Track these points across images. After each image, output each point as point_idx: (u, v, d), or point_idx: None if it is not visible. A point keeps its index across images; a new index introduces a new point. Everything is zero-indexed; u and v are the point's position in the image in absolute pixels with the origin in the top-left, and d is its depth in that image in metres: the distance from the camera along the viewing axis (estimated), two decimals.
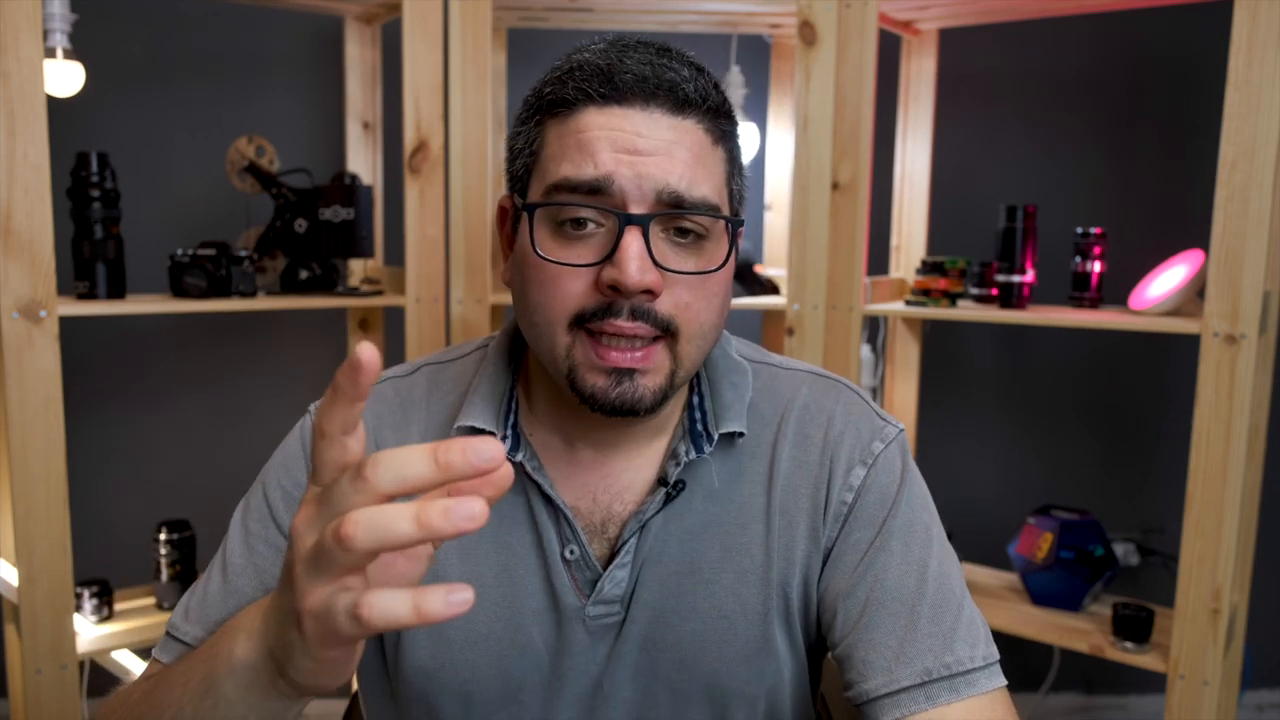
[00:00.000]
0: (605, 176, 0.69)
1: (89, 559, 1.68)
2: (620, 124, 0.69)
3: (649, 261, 0.69)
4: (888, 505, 0.79)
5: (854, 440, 0.81)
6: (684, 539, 0.80)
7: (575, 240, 0.71)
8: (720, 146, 0.74)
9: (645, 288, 0.69)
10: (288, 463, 0.82)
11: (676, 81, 0.70)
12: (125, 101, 2.01)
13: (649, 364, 0.71)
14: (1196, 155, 2.05)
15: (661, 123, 0.70)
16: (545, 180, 0.71)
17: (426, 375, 0.86)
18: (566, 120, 0.71)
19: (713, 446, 0.79)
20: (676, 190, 0.69)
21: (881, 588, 0.76)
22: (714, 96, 0.72)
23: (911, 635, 0.74)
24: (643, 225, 0.69)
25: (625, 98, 0.69)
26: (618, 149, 0.69)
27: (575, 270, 0.70)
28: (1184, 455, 1.46)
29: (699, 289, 0.72)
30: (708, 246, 0.72)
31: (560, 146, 0.71)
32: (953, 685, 0.73)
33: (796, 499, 0.80)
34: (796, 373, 0.86)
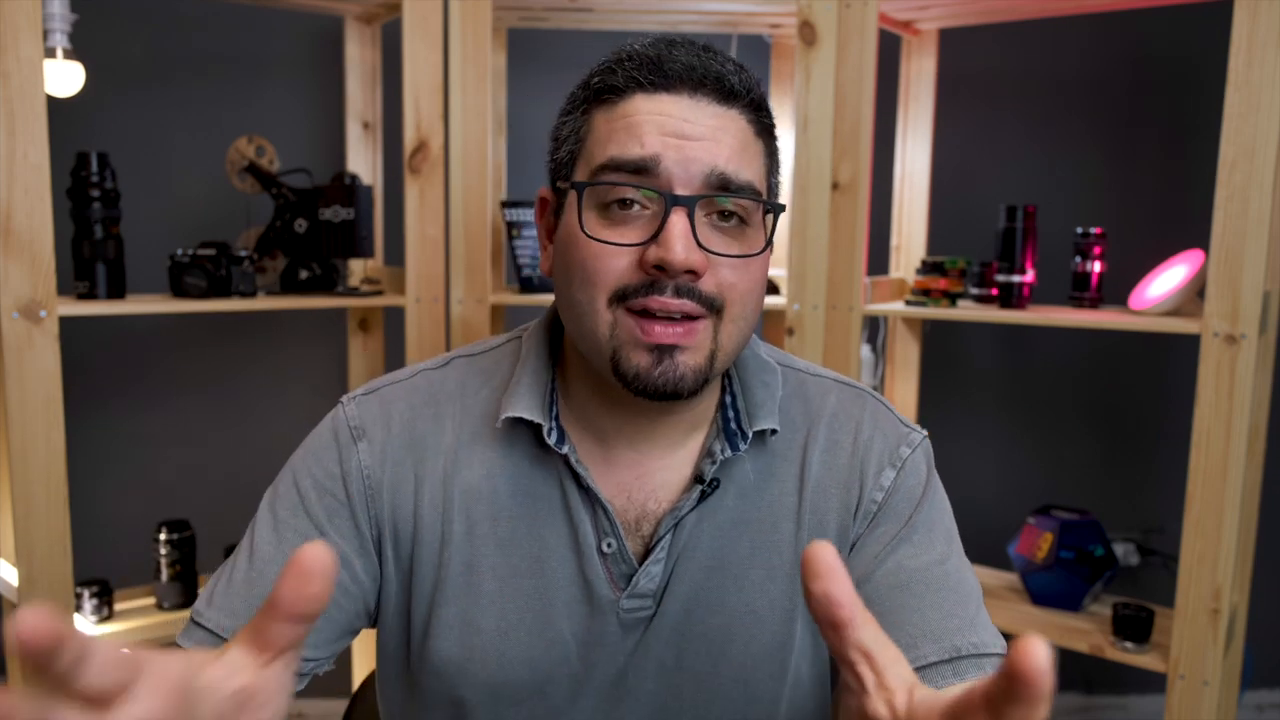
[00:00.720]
0: (652, 157, 0.70)
1: (89, 559, 1.68)
2: (669, 109, 0.71)
3: (694, 242, 0.70)
4: (914, 503, 0.81)
5: (883, 444, 0.83)
6: (715, 535, 0.81)
7: (621, 221, 0.72)
8: (761, 140, 0.76)
9: (690, 267, 0.70)
10: (319, 453, 0.82)
11: (723, 73, 0.72)
12: (125, 101, 2.01)
13: (691, 340, 0.72)
14: (1196, 155, 2.05)
15: (707, 110, 0.72)
16: (592, 162, 0.73)
17: (459, 368, 0.86)
18: (615, 106, 0.73)
19: (748, 444, 0.80)
20: (724, 172, 0.71)
21: (905, 571, 0.78)
22: (757, 91, 0.75)
23: (937, 615, 0.75)
24: (688, 206, 0.70)
25: (673, 85, 0.71)
26: (665, 132, 0.71)
27: (620, 249, 0.72)
28: (1184, 455, 1.46)
29: (742, 270, 0.73)
30: (749, 232, 0.74)
31: (608, 130, 0.73)
32: (980, 664, 0.74)
33: (827, 500, 0.82)
34: (824, 380, 0.88)
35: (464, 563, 0.81)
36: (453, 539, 0.81)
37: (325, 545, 0.44)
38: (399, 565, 0.82)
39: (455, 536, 0.81)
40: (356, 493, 0.80)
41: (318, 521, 0.80)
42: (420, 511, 0.81)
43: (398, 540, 0.82)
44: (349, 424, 0.82)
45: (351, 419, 0.82)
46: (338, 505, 0.80)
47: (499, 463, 0.81)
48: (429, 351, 1.73)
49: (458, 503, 0.81)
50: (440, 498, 0.81)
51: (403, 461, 0.81)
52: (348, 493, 0.80)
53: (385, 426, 0.82)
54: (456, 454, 0.81)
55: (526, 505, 0.80)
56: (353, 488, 0.80)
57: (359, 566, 0.81)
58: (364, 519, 0.81)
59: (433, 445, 0.82)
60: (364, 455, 0.81)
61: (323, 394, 2.20)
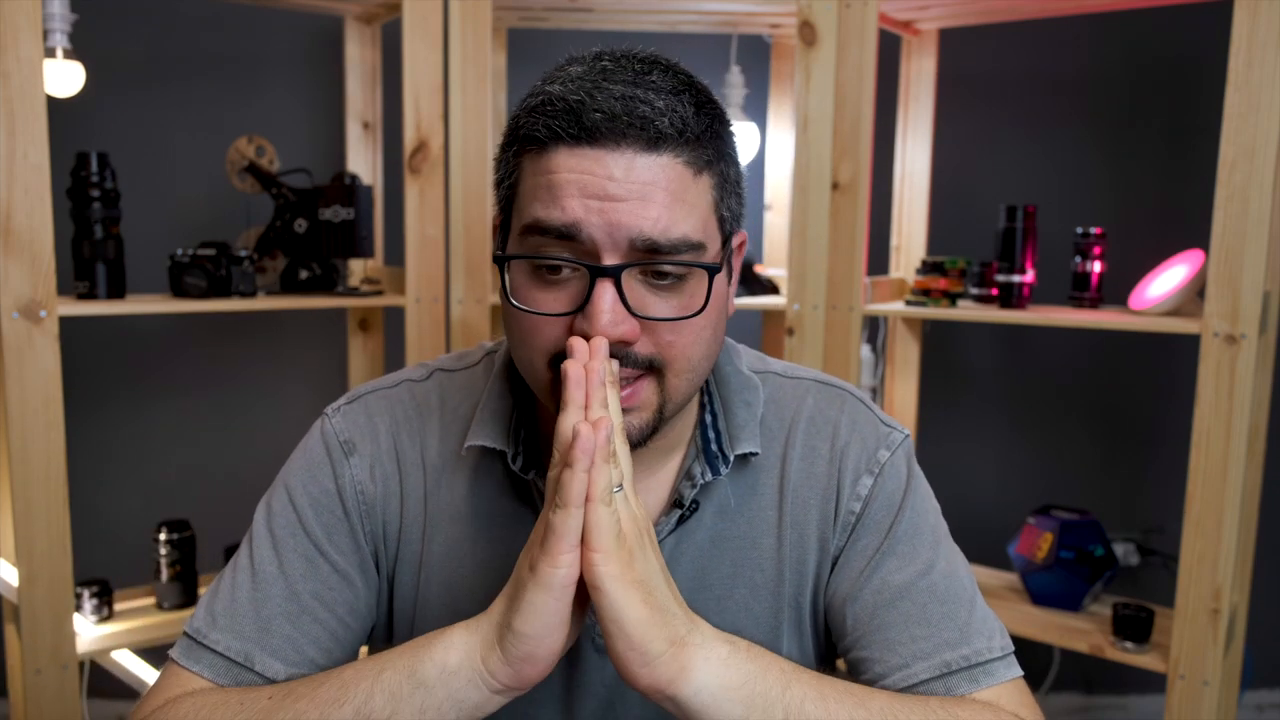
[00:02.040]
0: (574, 224, 0.66)
1: (89, 559, 1.68)
2: (591, 167, 0.66)
3: (622, 312, 0.67)
4: (894, 512, 0.80)
5: (860, 449, 0.81)
6: (695, 556, 0.80)
7: (551, 285, 0.69)
8: (705, 174, 0.69)
9: (618, 339, 0.68)
10: (313, 469, 0.81)
11: (650, 116, 0.66)
12: (125, 101, 2.01)
13: (635, 402, 0.71)
14: (1196, 155, 2.05)
15: (636, 164, 0.66)
16: (521, 219, 0.70)
17: (438, 382, 0.85)
18: (539, 158, 0.68)
19: (729, 468, 0.78)
20: (650, 237, 0.66)
21: (890, 589, 0.77)
22: (694, 125, 0.68)
23: (925, 631, 0.75)
24: (614, 276, 0.67)
25: (595, 138, 0.66)
26: (587, 194, 0.66)
27: (553, 318, 0.69)
28: (1184, 455, 1.46)
29: (682, 328, 0.70)
30: (689, 285, 0.70)
31: (533, 185, 0.69)
32: (972, 675, 0.74)
33: (806, 511, 0.81)
34: (801, 381, 0.86)
35: (443, 584, 0.80)
36: (432, 559, 0.80)
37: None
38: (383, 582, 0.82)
39: (434, 557, 0.80)
40: (353, 508, 0.80)
41: (317, 541, 0.79)
42: (404, 528, 0.81)
43: (384, 557, 0.82)
44: (338, 438, 0.81)
45: (340, 432, 0.81)
46: (336, 521, 0.80)
47: (479, 483, 0.80)
48: (429, 352, 1.73)
49: (438, 522, 0.80)
50: (421, 516, 0.81)
51: (390, 476, 0.81)
52: (345, 508, 0.80)
53: (373, 439, 0.81)
54: (438, 472, 0.81)
55: (505, 527, 0.80)
56: (349, 503, 0.80)
57: (361, 583, 0.80)
58: (361, 533, 0.80)
59: (414, 461, 0.81)
60: (356, 470, 0.80)
61: (323, 394, 2.20)
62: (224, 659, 0.76)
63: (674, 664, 0.64)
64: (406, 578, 0.81)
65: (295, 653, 0.76)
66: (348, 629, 0.79)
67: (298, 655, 0.76)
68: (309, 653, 0.77)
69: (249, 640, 0.76)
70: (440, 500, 0.81)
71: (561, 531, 0.62)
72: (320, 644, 0.77)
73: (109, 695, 2.06)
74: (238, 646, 0.76)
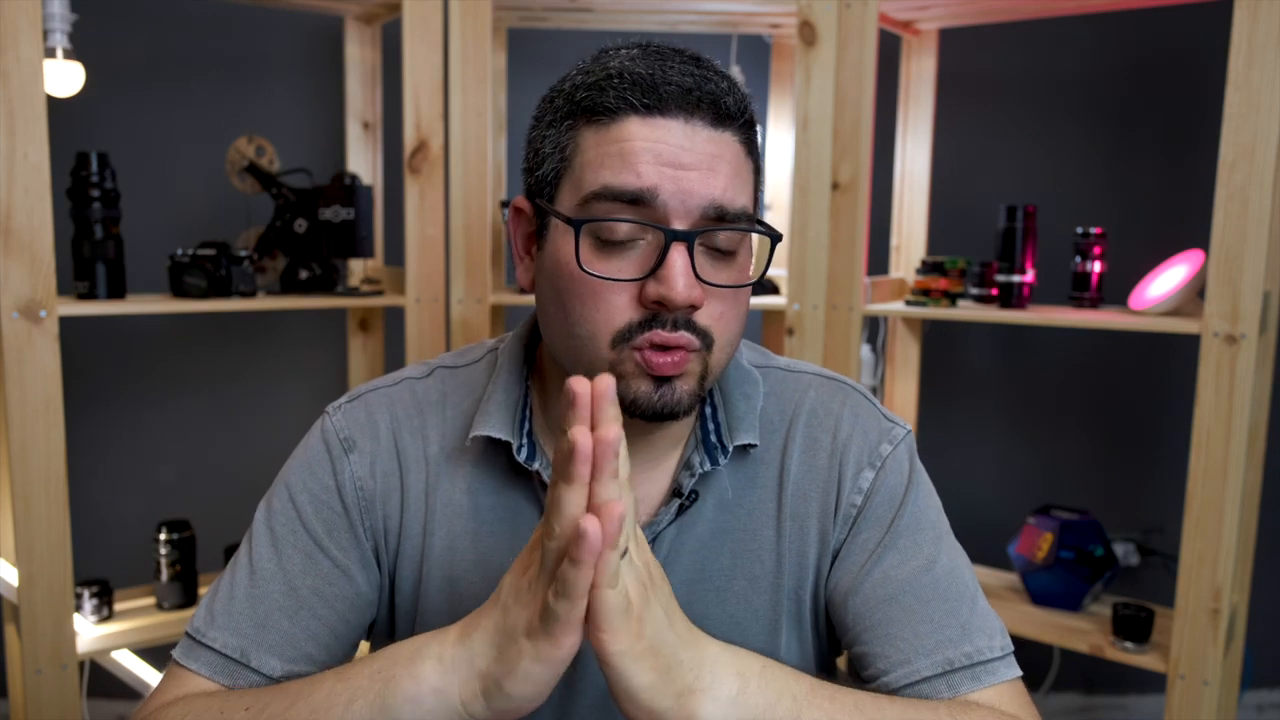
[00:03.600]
0: (650, 189, 0.68)
1: (89, 559, 1.68)
2: (664, 136, 0.68)
3: (694, 278, 0.69)
4: (895, 506, 0.80)
5: (862, 443, 0.81)
6: (695, 548, 0.80)
7: (615, 253, 0.70)
8: (750, 158, 0.74)
9: (691, 303, 0.69)
10: (312, 466, 0.81)
11: (718, 94, 0.70)
12: (125, 101, 2.01)
13: (684, 368, 0.72)
14: (1196, 155, 2.05)
15: (702, 135, 0.69)
16: (582, 188, 0.70)
17: (440, 379, 0.85)
18: (607, 128, 0.70)
19: (728, 459, 0.79)
20: (721, 203, 0.70)
21: (892, 584, 0.77)
22: (749, 111, 0.73)
23: (928, 628, 0.75)
24: (688, 241, 0.69)
25: (669, 109, 0.69)
26: (662, 161, 0.68)
27: (617, 284, 0.70)
28: (1184, 455, 1.46)
29: (732, 300, 0.73)
30: (739, 258, 0.73)
31: (599, 154, 0.70)
32: (974, 674, 0.74)
33: (806, 503, 0.81)
34: (803, 375, 0.86)
35: (444, 578, 0.80)
36: (433, 554, 0.80)
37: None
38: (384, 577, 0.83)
39: (435, 551, 0.80)
40: (352, 504, 0.80)
41: (317, 537, 0.79)
42: (405, 524, 0.81)
43: (385, 553, 0.82)
44: (338, 435, 0.81)
45: (340, 430, 0.82)
46: (335, 518, 0.80)
47: (479, 478, 0.81)
48: (429, 351, 1.73)
49: (439, 517, 0.81)
50: (422, 511, 0.81)
51: (391, 473, 0.81)
52: (344, 505, 0.80)
53: (373, 437, 0.82)
54: (439, 467, 0.81)
55: (507, 520, 0.80)
56: (349, 499, 0.80)
57: (362, 579, 0.80)
58: (361, 530, 0.80)
59: (415, 457, 0.81)
60: (356, 466, 0.81)
61: (322, 394, 2.20)
62: (221, 656, 0.76)
63: (681, 714, 0.63)
64: (408, 573, 0.81)
65: (293, 648, 0.76)
66: (347, 624, 0.80)
67: (295, 651, 0.77)
68: (307, 648, 0.77)
69: (246, 637, 0.76)
70: (441, 495, 0.81)
71: (565, 620, 0.58)
72: (319, 639, 0.78)
73: (109, 695, 2.06)
74: (235, 643, 0.76)
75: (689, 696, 0.64)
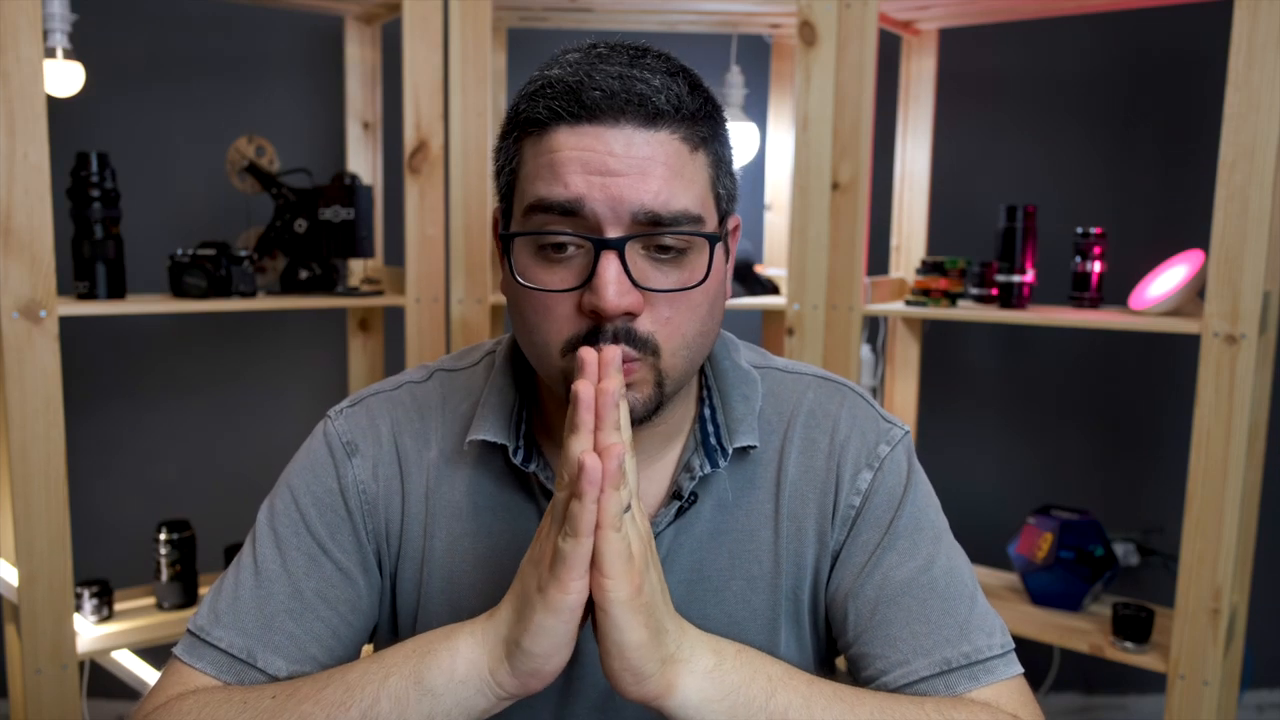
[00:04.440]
0: (577, 199, 0.68)
1: (89, 559, 1.68)
2: (591, 144, 0.68)
3: (627, 284, 0.69)
4: (894, 506, 0.80)
5: (860, 444, 0.82)
6: (694, 548, 0.80)
7: (556, 263, 0.71)
8: (701, 151, 0.72)
9: (624, 311, 0.69)
10: (315, 469, 0.82)
11: (647, 94, 0.68)
12: (125, 101, 2.02)
13: (633, 379, 0.71)
14: (1196, 155, 2.05)
15: (635, 139, 0.68)
16: (523, 201, 0.71)
17: (440, 382, 0.86)
18: (540, 139, 0.70)
19: (727, 461, 0.79)
20: (652, 209, 0.68)
21: (891, 585, 0.77)
22: (689, 103, 0.70)
23: (926, 628, 0.75)
24: (618, 248, 0.68)
25: (595, 115, 0.68)
26: (589, 170, 0.68)
27: (560, 295, 0.71)
28: (1184, 455, 1.46)
29: (680, 302, 0.71)
30: (690, 258, 0.72)
31: (535, 166, 0.70)
32: (972, 673, 0.74)
33: (804, 504, 0.81)
34: (801, 376, 0.86)
35: (445, 579, 0.81)
36: (434, 556, 0.81)
37: None
38: (386, 580, 0.83)
39: (436, 553, 0.81)
40: (355, 507, 0.81)
41: (320, 540, 0.80)
42: (406, 526, 0.81)
43: (387, 555, 0.82)
44: (340, 439, 0.82)
45: (342, 434, 0.82)
46: (339, 520, 0.80)
47: (479, 480, 0.81)
48: (429, 351, 1.73)
49: (439, 519, 0.81)
50: (423, 514, 0.81)
51: (392, 476, 0.82)
52: (347, 508, 0.81)
53: (375, 440, 0.82)
54: (439, 470, 0.82)
55: (506, 521, 0.80)
56: (351, 502, 0.81)
57: (364, 582, 0.81)
58: (364, 533, 0.81)
59: (416, 460, 0.82)
60: (359, 470, 0.81)
61: (323, 394, 2.20)
62: (227, 655, 0.76)
63: (662, 681, 0.66)
64: (409, 575, 0.82)
65: (298, 650, 0.77)
66: (350, 626, 0.80)
67: (300, 652, 0.77)
68: (311, 650, 0.77)
69: (251, 637, 0.76)
70: (442, 497, 0.81)
71: (572, 560, 0.62)
72: (322, 641, 0.78)
73: (109, 695, 2.06)
74: (240, 643, 0.76)
75: (670, 665, 0.66)
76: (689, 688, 0.66)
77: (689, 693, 0.66)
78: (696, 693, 0.67)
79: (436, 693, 0.66)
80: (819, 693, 0.69)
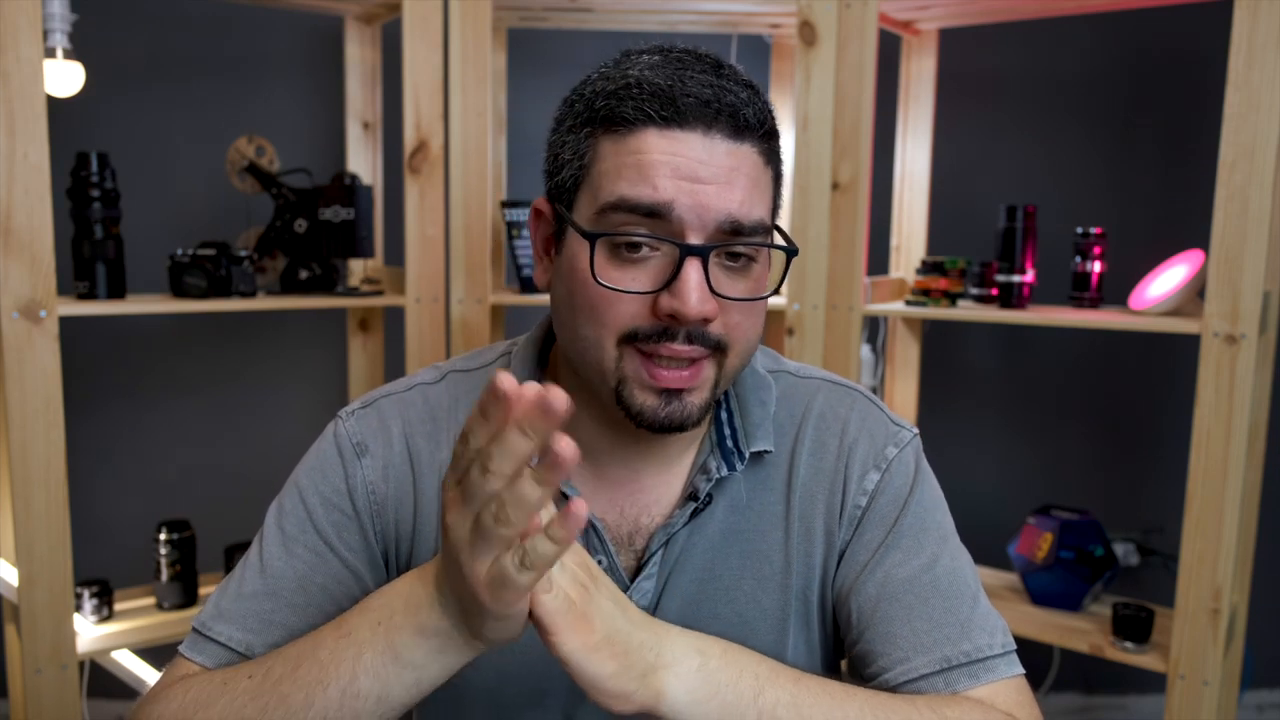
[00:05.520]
0: (666, 203, 0.68)
1: (89, 559, 1.68)
2: (681, 149, 0.68)
3: (708, 291, 0.69)
4: (899, 506, 0.81)
5: (868, 446, 0.82)
6: (706, 549, 0.81)
7: (630, 264, 0.71)
8: (770, 167, 0.74)
9: (705, 317, 0.70)
10: (324, 469, 0.82)
11: (737, 106, 0.69)
12: (125, 101, 2.01)
13: (697, 380, 0.72)
14: (1196, 155, 2.05)
15: (721, 148, 0.69)
16: (599, 198, 0.71)
17: (452, 383, 0.86)
18: (624, 138, 0.70)
19: (744, 464, 0.80)
20: (736, 218, 0.69)
21: (893, 582, 0.78)
22: (769, 120, 0.72)
23: (927, 626, 0.76)
24: (703, 256, 0.69)
25: (687, 121, 0.69)
26: (679, 175, 0.68)
27: (631, 295, 0.71)
28: (1184, 455, 1.46)
29: (748, 309, 0.73)
30: (756, 268, 0.73)
31: (616, 165, 0.70)
32: (972, 671, 0.75)
33: (814, 505, 0.82)
34: (812, 380, 0.87)
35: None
36: None
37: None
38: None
39: None
40: (363, 507, 0.81)
41: (326, 537, 0.80)
42: (418, 527, 0.81)
43: (399, 556, 0.82)
44: (351, 439, 0.82)
45: (353, 434, 0.82)
46: (346, 520, 0.80)
47: None
48: (429, 351, 1.73)
49: None
50: (436, 514, 0.81)
51: (404, 478, 0.82)
52: (355, 507, 0.81)
53: (386, 442, 0.82)
54: None
55: None
56: (359, 502, 0.81)
57: (370, 581, 0.81)
58: (372, 533, 0.81)
59: (429, 461, 0.82)
60: (368, 470, 0.81)
61: (323, 394, 2.20)
62: (226, 649, 0.76)
63: (649, 691, 0.65)
64: None
65: None
66: None
67: None
68: None
69: (251, 631, 0.77)
70: None
71: (517, 586, 0.58)
72: None
73: (109, 695, 2.06)
74: (240, 637, 0.76)
75: (653, 675, 0.66)
76: (677, 689, 0.66)
77: (678, 694, 0.66)
78: (686, 693, 0.66)
79: (418, 664, 0.65)
80: (806, 689, 0.69)
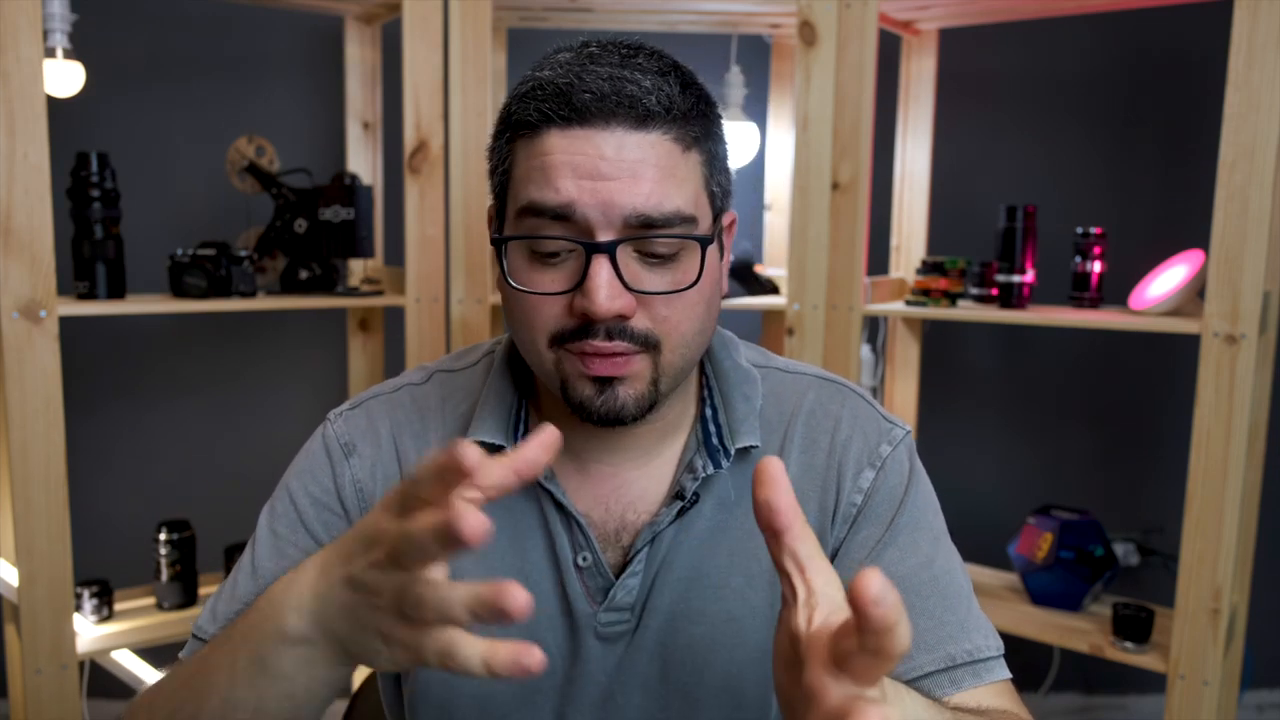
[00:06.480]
0: (568, 204, 0.68)
1: (89, 559, 1.68)
2: (582, 147, 0.68)
3: (618, 288, 0.69)
4: (896, 504, 0.80)
5: (862, 443, 0.82)
6: (694, 546, 0.80)
7: (548, 266, 0.71)
8: (694, 150, 0.71)
9: (616, 314, 0.69)
10: (314, 469, 0.82)
11: (637, 95, 0.68)
12: (125, 101, 2.02)
13: (627, 371, 0.72)
14: (1196, 155, 2.05)
15: (626, 141, 0.68)
16: (516, 203, 0.71)
17: (439, 383, 0.86)
18: (531, 142, 0.70)
19: (730, 461, 0.79)
20: (643, 212, 0.68)
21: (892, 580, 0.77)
22: (681, 102, 0.70)
23: (928, 623, 0.75)
24: (609, 252, 0.68)
25: (586, 118, 0.67)
26: (580, 175, 0.68)
27: (550, 297, 0.71)
28: (1184, 455, 1.46)
29: (677, 302, 0.72)
30: (683, 259, 0.72)
31: (526, 169, 0.71)
32: (975, 671, 0.74)
33: (804, 503, 0.81)
34: (802, 376, 0.86)
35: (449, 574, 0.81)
36: None
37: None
38: None
39: None
40: (352, 506, 0.81)
41: (317, 537, 0.80)
42: None
43: None
44: (339, 440, 0.82)
45: (340, 435, 0.83)
46: (335, 519, 0.81)
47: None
48: (429, 351, 1.73)
49: None
50: None
51: (392, 477, 0.82)
52: (344, 507, 0.81)
53: (374, 442, 0.82)
54: None
55: (507, 520, 0.80)
56: (348, 501, 0.81)
57: None
58: None
59: (416, 461, 0.82)
60: (356, 470, 0.81)
61: (323, 394, 2.20)
62: None
63: None
64: None
65: None
66: None
67: None
68: None
69: None
70: None
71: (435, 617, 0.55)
72: None
73: (109, 695, 2.06)
74: None
75: None
76: None
77: None
78: None
79: (289, 674, 0.63)
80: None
